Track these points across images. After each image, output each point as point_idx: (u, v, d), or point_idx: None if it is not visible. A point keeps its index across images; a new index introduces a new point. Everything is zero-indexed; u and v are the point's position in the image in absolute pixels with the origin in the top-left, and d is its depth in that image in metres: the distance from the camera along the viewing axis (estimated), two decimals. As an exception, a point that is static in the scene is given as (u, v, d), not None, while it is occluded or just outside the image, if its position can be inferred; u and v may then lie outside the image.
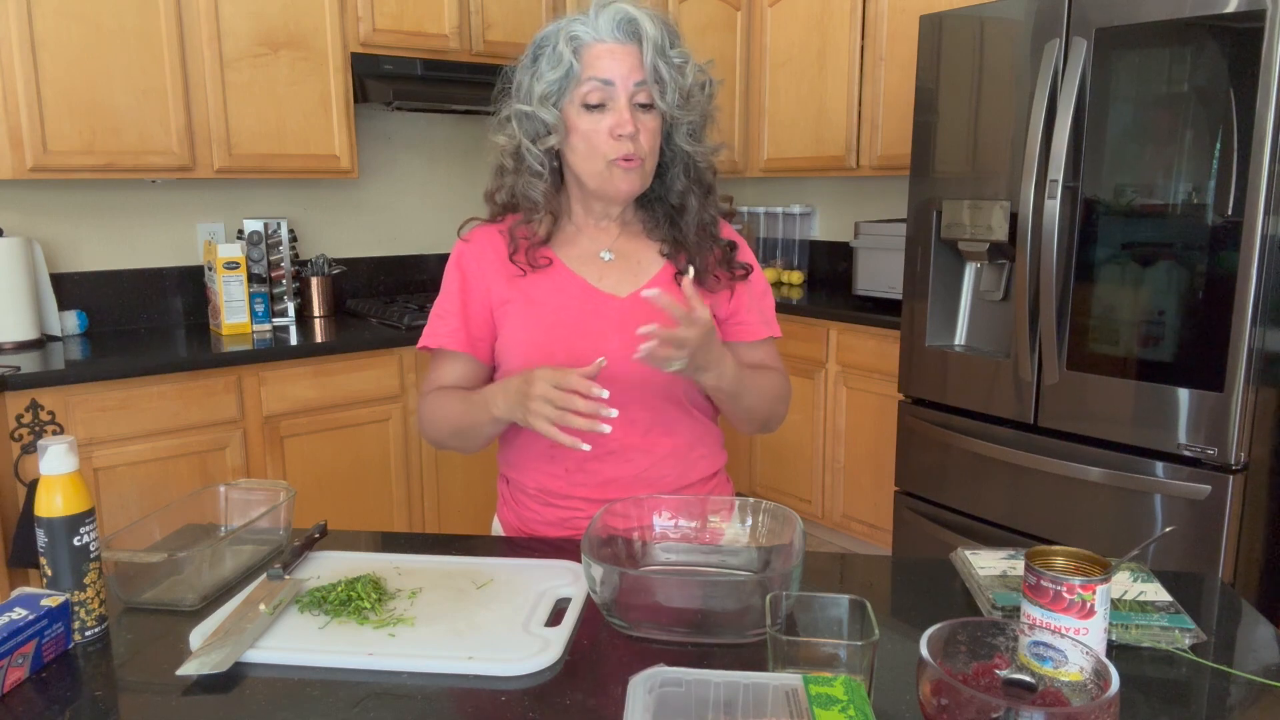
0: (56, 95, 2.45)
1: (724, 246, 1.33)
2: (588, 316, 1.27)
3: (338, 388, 2.71)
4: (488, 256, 1.31)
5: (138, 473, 2.44)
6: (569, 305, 1.28)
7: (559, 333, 1.27)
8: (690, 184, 1.30)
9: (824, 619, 0.86)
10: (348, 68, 2.92)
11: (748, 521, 1.15)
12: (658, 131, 1.24)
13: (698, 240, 1.30)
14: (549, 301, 1.28)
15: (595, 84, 1.19)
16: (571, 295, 1.28)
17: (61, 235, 2.82)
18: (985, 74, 2.49)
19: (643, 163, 1.23)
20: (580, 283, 1.29)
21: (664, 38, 1.20)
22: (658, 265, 1.32)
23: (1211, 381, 2.09)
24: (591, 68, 1.20)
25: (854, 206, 3.93)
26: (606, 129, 1.20)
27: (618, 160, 1.21)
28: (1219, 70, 2.03)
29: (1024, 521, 2.50)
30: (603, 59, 1.19)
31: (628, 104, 1.20)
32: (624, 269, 1.31)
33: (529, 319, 1.28)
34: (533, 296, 1.29)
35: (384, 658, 0.93)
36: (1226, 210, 2.03)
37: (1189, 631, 0.97)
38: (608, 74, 1.19)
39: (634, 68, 1.19)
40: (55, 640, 0.93)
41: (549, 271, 1.30)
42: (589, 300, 1.28)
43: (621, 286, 1.29)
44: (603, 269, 1.30)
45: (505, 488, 1.41)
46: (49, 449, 0.95)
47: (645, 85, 1.20)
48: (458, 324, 1.30)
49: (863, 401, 3.23)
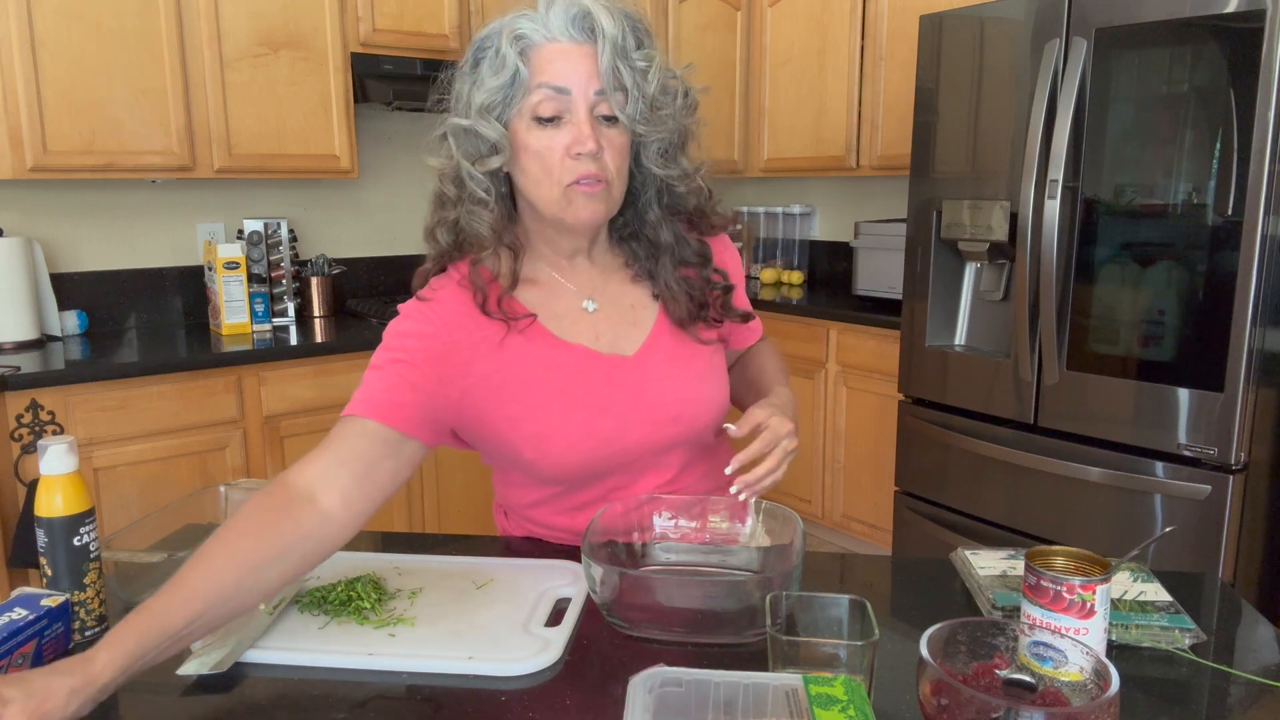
0: (56, 95, 2.45)
1: (720, 290, 1.18)
2: (604, 392, 1.10)
3: (338, 388, 2.71)
4: (474, 320, 1.07)
5: (138, 473, 2.44)
6: (577, 382, 1.09)
7: (577, 419, 1.08)
8: (665, 214, 1.12)
9: (824, 619, 0.86)
10: (348, 68, 2.92)
11: (748, 521, 1.15)
12: (625, 148, 1.04)
13: (682, 282, 1.14)
14: (553, 385, 1.09)
15: (547, 92, 0.99)
16: (573, 369, 1.10)
17: (61, 235, 2.82)
18: (985, 74, 2.49)
19: (608, 185, 1.02)
20: (577, 351, 1.11)
21: (625, 35, 0.99)
22: (653, 312, 1.16)
23: (1211, 381, 2.09)
24: (542, 72, 0.99)
25: (854, 206, 3.93)
26: (562, 146, 1.00)
27: (577, 183, 1.01)
28: (1219, 70, 2.03)
29: (1024, 521, 2.50)
30: (555, 62, 0.99)
31: (588, 115, 1.00)
32: (618, 320, 1.14)
33: (535, 409, 1.08)
34: (525, 378, 1.08)
35: (384, 658, 0.93)
36: (1226, 210, 2.03)
37: (1189, 631, 0.97)
38: (562, 80, 0.99)
39: (594, 72, 0.99)
40: (55, 640, 0.93)
41: (529, 336, 1.09)
42: (595, 369, 1.11)
43: (621, 345, 1.13)
44: (594, 324, 1.12)
45: (504, 520, 1.30)
46: (49, 449, 0.95)
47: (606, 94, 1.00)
48: (409, 395, 1.02)
49: (863, 401, 3.23)
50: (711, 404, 1.18)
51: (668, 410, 1.14)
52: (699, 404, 1.16)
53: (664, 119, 1.04)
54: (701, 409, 1.17)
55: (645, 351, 1.14)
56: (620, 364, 1.12)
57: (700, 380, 1.17)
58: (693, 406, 1.16)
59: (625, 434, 1.11)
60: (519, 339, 1.09)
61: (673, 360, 1.15)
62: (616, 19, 0.99)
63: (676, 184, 1.11)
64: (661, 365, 1.14)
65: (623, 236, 1.16)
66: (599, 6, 1.00)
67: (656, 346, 1.15)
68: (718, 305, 1.18)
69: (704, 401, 1.17)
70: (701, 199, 1.15)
